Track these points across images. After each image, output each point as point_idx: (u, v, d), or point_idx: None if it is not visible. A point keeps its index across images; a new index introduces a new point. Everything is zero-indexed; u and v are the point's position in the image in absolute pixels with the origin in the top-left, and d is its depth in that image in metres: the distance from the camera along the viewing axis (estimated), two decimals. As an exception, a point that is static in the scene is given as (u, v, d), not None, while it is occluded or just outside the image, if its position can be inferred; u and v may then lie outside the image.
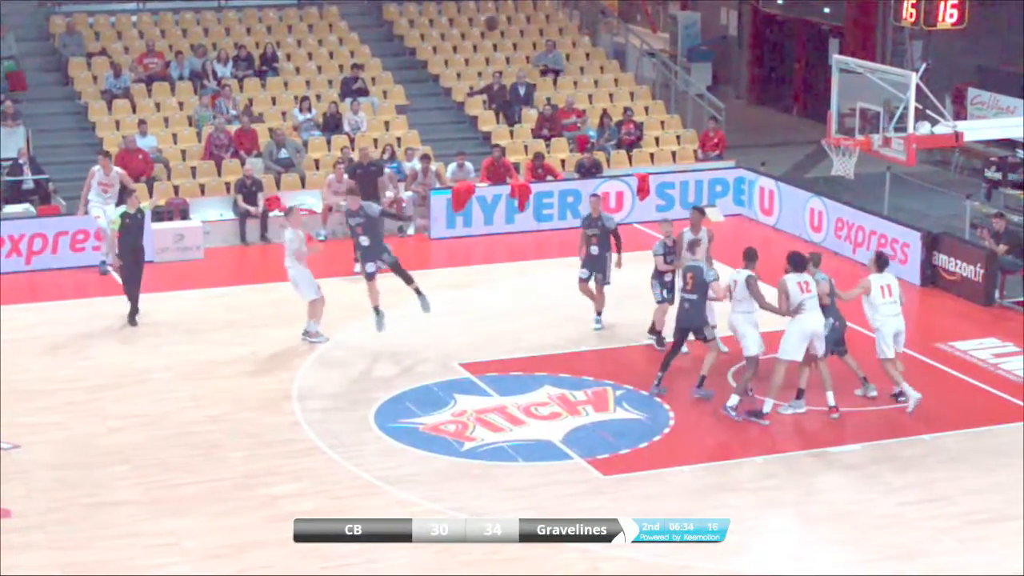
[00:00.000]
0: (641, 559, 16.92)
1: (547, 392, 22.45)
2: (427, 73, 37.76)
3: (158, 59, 35.61)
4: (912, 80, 25.97)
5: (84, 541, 17.77)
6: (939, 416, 21.47)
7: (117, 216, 25.79)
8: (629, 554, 16.90)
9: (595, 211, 25.07)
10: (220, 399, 22.40)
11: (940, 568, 17.04)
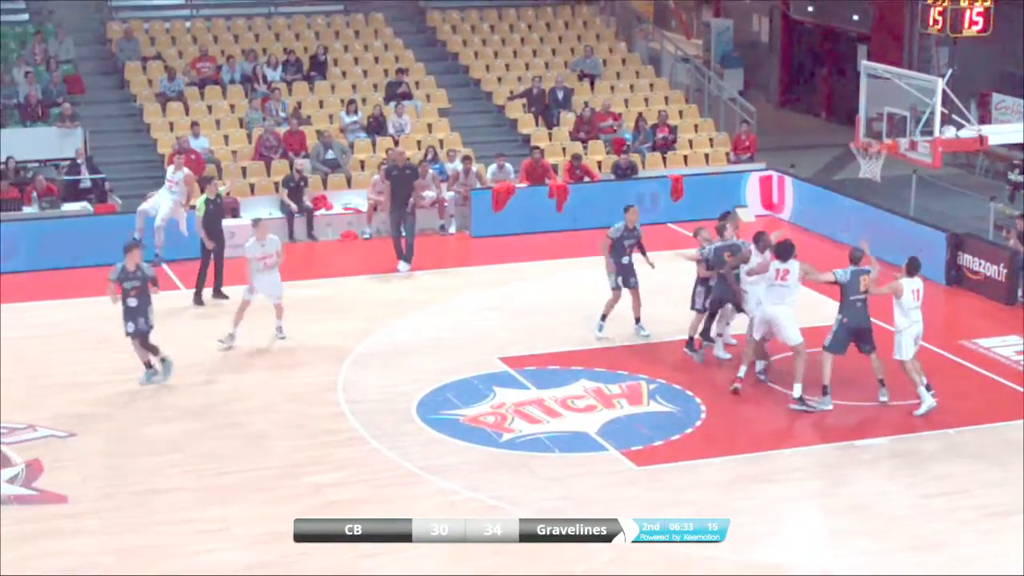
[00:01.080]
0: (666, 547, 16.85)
1: (583, 385, 22.41)
2: (469, 77, 37.74)
3: (210, 63, 35.67)
4: (938, 86, 25.84)
5: (136, 527, 17.81)
6: (962, 411, 21.36)
7: (200, 203, 26.51)
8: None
9: (633, 222, 24.60)
10: (267, 391, 22.42)
11: (960, 558, 16.94)
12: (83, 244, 28.83)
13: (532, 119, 35.87)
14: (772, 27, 47.25)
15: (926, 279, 27.57)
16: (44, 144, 32.40)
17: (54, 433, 20.61)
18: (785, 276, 21.48)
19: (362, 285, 27.83)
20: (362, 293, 27.35)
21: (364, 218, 31.41)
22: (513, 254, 30.06)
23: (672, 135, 35.43)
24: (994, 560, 16.87)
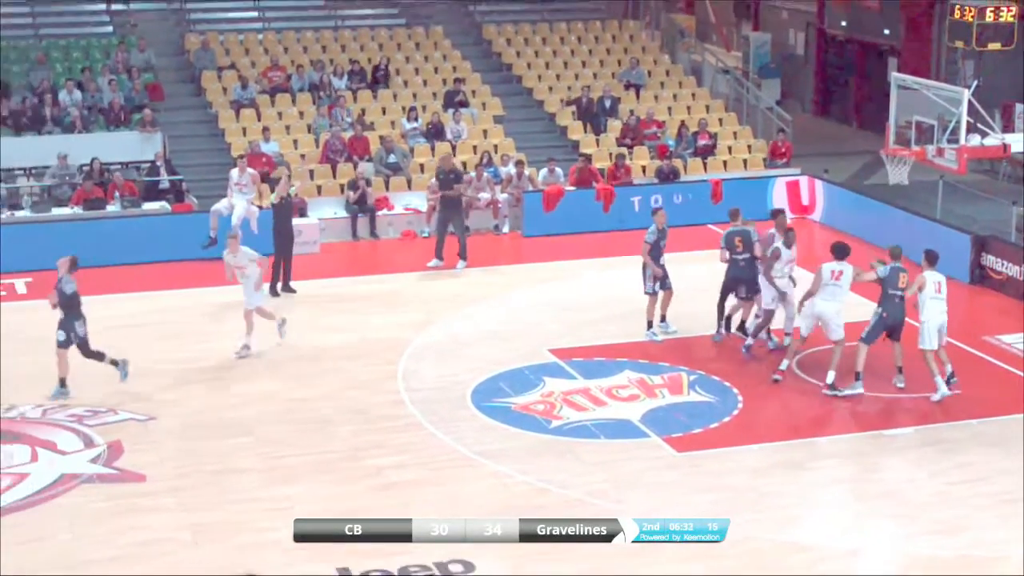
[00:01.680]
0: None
1: (627, 376, 22.37)
2: (522, 87, 37.72)
3: (281, 73, 35.78)
4: (964, 96, 25.74)
5: (209, 504, 17.90)
6: (984, 402, 21.24)
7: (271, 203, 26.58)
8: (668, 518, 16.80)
9: (662, 223, 24.23)
10: (331, 379, 22.48)
11: (979, 542, 16.85)
12: (161, 241, 28.99)
13: (581, 126, 35.83)
14: (807, 40, 47.06)
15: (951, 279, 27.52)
16: (126, 147, 32.60)
17: (134, 416, 20.73)
18: (839, 276, 21.50)
19: (421, 281, 27.87)
20: (421, 288, 27.39)
21: (423, 218, 31.45)
22: (562, 253, 30.03)
23: (712, 142, 35.33)
24: (1009, 545, 16.75)
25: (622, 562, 15.74)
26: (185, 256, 28.49)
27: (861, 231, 31.01)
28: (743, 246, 23.56)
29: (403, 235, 31.33)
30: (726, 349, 23.92)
